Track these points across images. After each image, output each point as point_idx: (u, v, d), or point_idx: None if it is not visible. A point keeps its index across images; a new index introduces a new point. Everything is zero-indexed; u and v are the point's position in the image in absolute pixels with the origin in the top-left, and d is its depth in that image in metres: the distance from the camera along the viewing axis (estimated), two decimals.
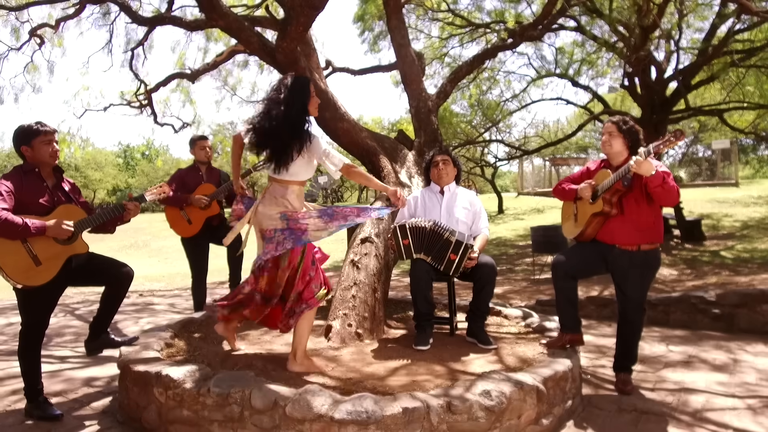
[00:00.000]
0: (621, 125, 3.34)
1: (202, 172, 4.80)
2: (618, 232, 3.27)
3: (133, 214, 3.28)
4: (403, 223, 3.60)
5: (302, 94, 3.01)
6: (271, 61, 4.64)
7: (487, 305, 3.64)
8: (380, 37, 13.46)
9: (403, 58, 5.68)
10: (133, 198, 3.28)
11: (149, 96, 7.73)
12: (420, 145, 5.46)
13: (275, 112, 2.93)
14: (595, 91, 13.88)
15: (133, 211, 3.26)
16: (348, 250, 4.18)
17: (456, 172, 4.02)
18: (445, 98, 5.98)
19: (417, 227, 3.57)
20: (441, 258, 3.51)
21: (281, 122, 2.92)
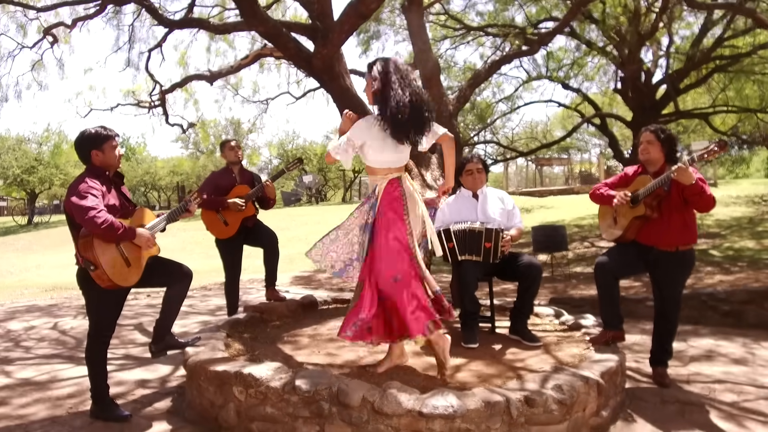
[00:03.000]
0: (659, 134, 3.53)
1: (235, 174, 4.86)
2: (657, 234, 3.47)
3: (192, 213, 3.37)
4: (447, 228, 3.74)
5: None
6: (307, 66, 4.73)
7: (532, 304, 3.81)
8: (373, 39, 13.57)
9: (425, 62, 5.82)
10: (187, 201, 3.37)
11: (163, 97, 7.72)
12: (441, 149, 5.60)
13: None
14: (586, 93, 14.24)
15: (193, 210, 3.35)
16: None
17: (486, 175, 4.17)
18: (464, 102, 6.15)
19: (460, 230, 3.73)
20: (479, 250, 3.68)
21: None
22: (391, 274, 2.90)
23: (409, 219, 3.03)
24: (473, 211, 3.98)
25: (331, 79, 4.71)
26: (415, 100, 2.91)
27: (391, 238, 2.95)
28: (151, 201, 49.98)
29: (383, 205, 3.01)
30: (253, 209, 4.77)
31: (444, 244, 3.72)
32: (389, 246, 2.94)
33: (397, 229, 2.97)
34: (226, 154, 4.92)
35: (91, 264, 2.84)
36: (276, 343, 3.62)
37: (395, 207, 3.00)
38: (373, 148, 3.01)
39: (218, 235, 4.73)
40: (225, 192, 4.76)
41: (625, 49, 11.05)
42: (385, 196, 3.01)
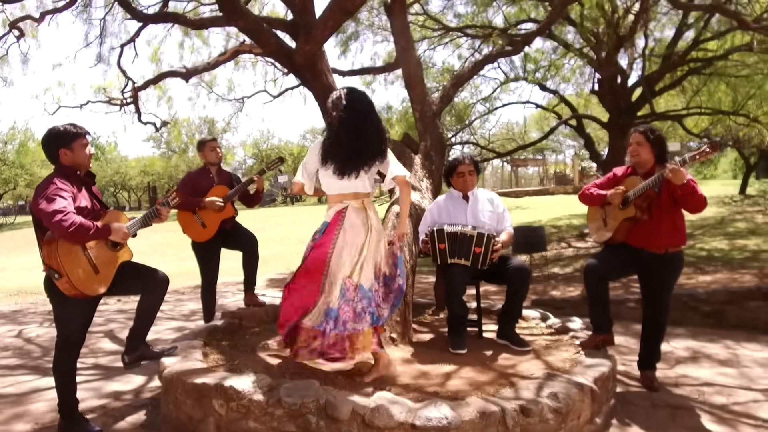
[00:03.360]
0: (649, 135, 3.49)
1: (212, 174, 4.68)
2: (647, 236, 3.42)
3: (164, 219, 3.20)
4: (441, 228, 3.65)
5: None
6: (288, 63, 4.58)
7: (521, 308, 3.74)
8: (352, 39, 13.42)
9: (408, 61, 5.72)
10: (162, 203, 3.20)
11: (135, 94, 7.44)
12: (426, 149, 5.51)
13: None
14: (562, 95, 14.34)
15: (165, 215, 3.19)
16: None
17: (477, 176, 4.09)
18: (448, 102, 6.06)
19: (453, 232, 3.63)
20: (468, 254, 3.60)
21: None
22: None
23: (339, 248, 3.01)
24: (463, 213, 3.89)
25: (313, 77, 4.57)
26: (355, 132, 2.96)
27: (310, 259, 3.06)
28: (121, 202, 48.88)
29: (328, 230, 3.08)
30: (232, 210, 4.60)
31: (435, 245, 3.63)
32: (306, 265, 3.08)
33: (318, 253, 3.04)
34: (206, 154, 4.73)
35: (54, 272, 2.65)
36: (257, 352, 3.46)
37: (328, 232, 3.07)
38: (321, 173, 3.09)
39: (195, 238, 4.55)
40: (203, 193, 4.57)
41: (602, 50, 11.12)
42: (331, 223, 3.07)
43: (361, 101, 3.03)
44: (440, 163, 5.64)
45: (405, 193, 3.22)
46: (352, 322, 2.93)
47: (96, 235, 2.71)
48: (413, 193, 4.94)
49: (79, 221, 2.62)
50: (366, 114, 3.03)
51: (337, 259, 2.97)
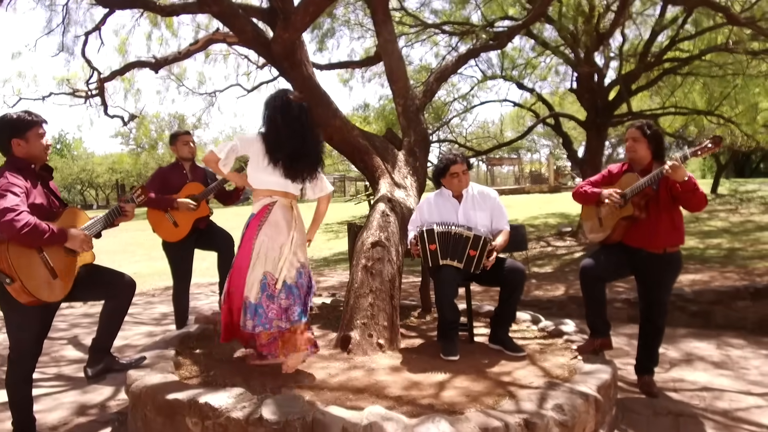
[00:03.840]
0: (645, 130, 3.34)
1: (186, 170, 4.39)
2: (645, 235, 3.28)
3: (130, 217, 2.93)
4: (431, 228, 3.44)
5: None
6: (265, 52, 4.32)
7: (515, 311, 3.56)
8: (328, 36, 13.13)
9: (390, 54, 5.50)
10: (126, 200, 2.93)
11: (101, 85, 7.04)
12: (410, 144, 5.31)
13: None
14: (540, 93, 14.32)
15: (130, 213, 2.92)
16: (355, 254, 3.95)
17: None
18: (431, 96, 5.87)
19: (445, 232, 3.43)
20: (461, 257, 3.40)
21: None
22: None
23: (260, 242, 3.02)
24: (454, 213, 3.68)
25: (292, 67, 4.31)
26: (297, 133, 3.02)
27: (238, 257, 3.07)
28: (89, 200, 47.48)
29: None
30: (206, 209, 4.32)
31: (426, 246, 3.42)
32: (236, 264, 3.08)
33: (244, 250, 3.05)
34: (179, 148, 4.44)
35: (6, 276, 2.36)
36: (234, 362, 3.21)
37: (252, 226, 3.07)
38: (251, 165, 3.08)
39: (166, 238, 4.25)
40: (175, 191, 4.29)
41: (580, 49, 11.09)
42: (256, 216, 3.07)
43: (302, 110, 3.09)
44: (425, 159, 5.45)
45: (325, 207, 3.41)
46: (278, 320, 2.95)
47: (51, 240, 2.44)
48: (398, 190, 4.74)
49: (33, 222, 2.34)
50: (306, 122, 3.09)
51: (258, 252, 2.99)
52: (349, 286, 3.72)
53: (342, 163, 32.85)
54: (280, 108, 3.01)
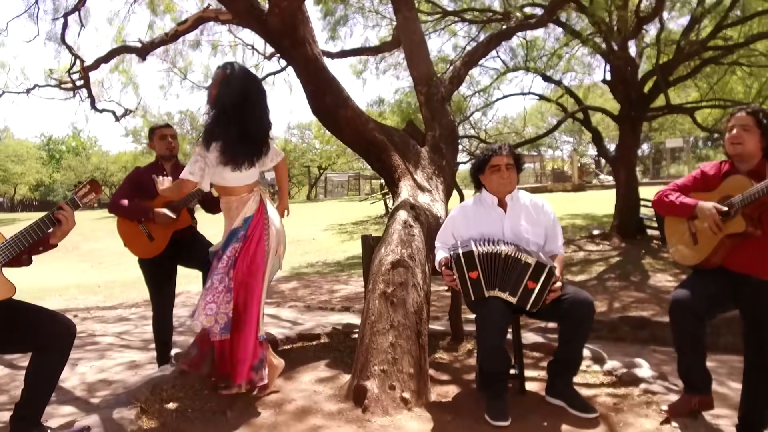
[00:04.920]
0: (760, 117, 2.50)
1: (166, 171, 3.64)
2: (757, 257, 2.45)
3: (66, 227, 2.18)
4: (471, 250, 2.61)
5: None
6: (261, 28, 3.55)
7: (580, 355, 2.74)
8: (340, 23, 12.37)
9: (410, 34, 4.70)
10: (68, 201, 2.18)
11: (86, 75, 6.34)
12: (435, 139, 4.51)
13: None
14: (567, 86, 13.40)
15: (70, 220, 2.17)
16: (371, 275, 3.16)
17: (517, 174, 3.04)
18: (458, 84, 5.07)
19: (491, 254, 2.61)
20: (515, 288, 2.59)
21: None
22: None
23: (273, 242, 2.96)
24: (499, 225, 2.86)
25: (294, 45, 3.54)
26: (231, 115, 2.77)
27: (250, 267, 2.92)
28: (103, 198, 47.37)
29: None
30: (188, 219, 3.56)
31: (464, 273, 2.60)
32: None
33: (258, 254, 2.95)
34: (156, 144, 3.70)
35: None
36: (217, 422, 2.45)
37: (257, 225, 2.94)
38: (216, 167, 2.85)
39: (140, 254, 3.51)
40: (152, 195, 3.53)
41: (615, 37, 10.17)
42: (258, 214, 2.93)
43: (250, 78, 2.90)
44: (452, 156, 4.65)
45: (286, 171, 3.25)
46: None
47: None
48: (422, 194, 3.94)
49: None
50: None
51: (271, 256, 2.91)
52: (364, 318, 2.93)
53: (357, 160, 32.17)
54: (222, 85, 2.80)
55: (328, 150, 31.19)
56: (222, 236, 2.93)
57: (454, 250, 2.64)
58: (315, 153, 36.93)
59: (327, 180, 38.04)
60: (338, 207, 23.13)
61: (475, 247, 2.61)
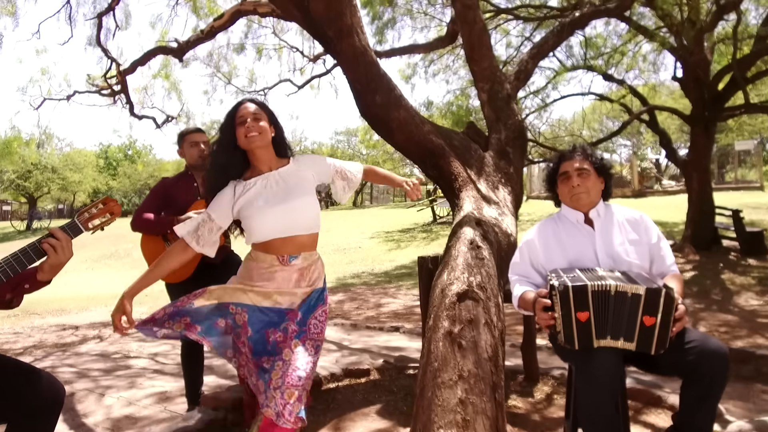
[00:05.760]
0: None
1: (197, 183, 3.21)
2: None
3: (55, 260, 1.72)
4: (584, 284, 1.99)
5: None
6: (301, 16, 3.08)
7: (711, 423, 2.09)
8: (388, 27, 11.92)
9: (471, 23, 4.13)
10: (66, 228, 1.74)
11: (123, 79, 6.09)
12: (500, 143, 3.93)
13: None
14: (631, 85, 12.47)
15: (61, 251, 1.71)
16: (431, 307, 2.61)
17: (603, 183, 2.46)
18: (525, 79, 4.48)
19: (603, 290, 2.00)
20: (631, 331, 1.98)
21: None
22: None
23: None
24: (589, 248, 2.28)
25: (340, 36, 3.05)
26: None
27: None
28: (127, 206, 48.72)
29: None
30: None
31: (570, 313, 1.99)
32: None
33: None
34: (186, 151, 3.29)
35: None
36: None
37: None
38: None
39: (166, 278, 3.08)
40: (181, 209, 3.12)
41: (689, 29, 9.26)
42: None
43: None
44: (520, 162, 4.05)
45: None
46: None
47: None
48: (488, 207, 3.37)
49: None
50: None
51: None
52: (425, 364, 2.38)
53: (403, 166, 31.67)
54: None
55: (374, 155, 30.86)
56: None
57: (558, 280, 2.05)
58: (361, 159, 36.71)
59: (373, 186, 37.74)
60: (384, 214, 22.68)
61: (587, 279, 2.02)
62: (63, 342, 5.82)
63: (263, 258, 2.23)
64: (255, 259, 2.27)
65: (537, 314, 2.12)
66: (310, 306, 2.26)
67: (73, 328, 6.77)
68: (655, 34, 10.54)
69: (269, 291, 2.20)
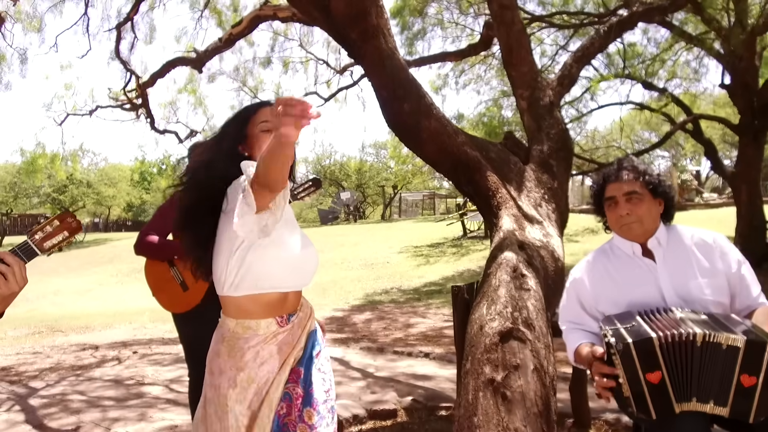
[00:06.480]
0: None
1: None
2: None
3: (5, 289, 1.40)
4: (648, 337, 1.59)
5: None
6: (323, 17, 2.78)
7: None
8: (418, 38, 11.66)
9: (508, 25, 3.78)
10: (16, 250, 1.44)
11: (143, 92, 5.93)
12: (543, 155, 3.55)
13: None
14: (673, 93, 11.88)
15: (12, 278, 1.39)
16: (467, 347, 2.24)
17: (662, 204, 1.97)
18: (570, 85, 4.09)
19: (682, 341, 1.60)
20: (724, 392, 1.57)
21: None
22: None
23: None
24: (651, 285, 1.87)
25: (364, 37, 2.74)
26: None
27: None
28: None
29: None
30: None
31: (637, 374, 1.58)
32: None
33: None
34: None
35: None
36: None
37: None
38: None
39: (171, 307, 2.79)
40: None
41: (738, 33, 8.70)
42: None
43: None
44: (565, 176, 3.66)
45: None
46: None
47: None
48: (531, 227, 2.99)
49: None
50: None
51: None
52: (462, 418, 2.00)
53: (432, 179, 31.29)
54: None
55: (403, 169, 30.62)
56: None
57: (614, 333, 1.66)
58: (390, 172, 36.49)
59: (401, 199, 37.43)
60: (413, 228, 22.27)
61: (651, 329, 1.62)
62: (80, 364, 5.61)
63: (256, 326, 1.59)
64: (241, 333, 1.60)
65: (595, 380, 1.73)
66: (309, 355, 1.71)
67: (93, 348, 6.59)
68: (701, 40, 10.01)
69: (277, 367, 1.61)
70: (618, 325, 1.71)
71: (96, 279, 16.77)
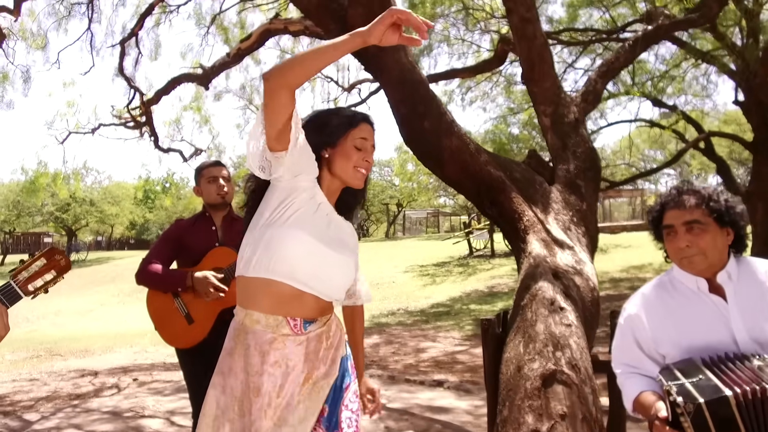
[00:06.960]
0: None
1: (215, 226, 2.73)
2: None
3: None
4: (723, 396, 1.35)
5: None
6: (339, 29, 2.60)
7: None
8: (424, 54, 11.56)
9: (530, 39, 3.61)
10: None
11: (147, 110, 5.77)
12: (569, 175, 3.34)
13: None
14: (683, 110, 11.73)
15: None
16: (502, 391, 2.01)
17: (731, 234, 1.68)
18: (595, 102, 3.89)
19: (761, 398, 1.37)
20: None
21: None
22: None
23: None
24: (721, 326, 1.61)
25: (384, 52, 2.55)
26: None
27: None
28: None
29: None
30: None
31: (709, 428, 1.36)
32: None
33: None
34: (204, 188, 2.81)
35: None
36: None
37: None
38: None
39: (175, 342, 2.57)
40: (196, 258, 2.62)
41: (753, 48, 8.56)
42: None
43: None
44: (594, 197, 3.45)
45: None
46: None
47: None
48: (562, 252, 2.77)
49: None
50: None
51: None
52: None
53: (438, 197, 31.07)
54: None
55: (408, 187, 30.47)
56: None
57: (679, 391, 1.41)
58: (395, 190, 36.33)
59: (405, 217, 37.24)
60: (418, 246, 22.03)
61: (724, 384, 1.38)
62: (77, 392, 5.37)
63: (265, 321, 1.43)
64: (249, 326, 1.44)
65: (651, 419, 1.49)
66: (336, 388, 1.51)
67: (91, 375, 6.34)
68: (714, 56, 9.88)
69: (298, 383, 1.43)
70: (683, 379, 1.46)
71: (98, 299, 16.56)
